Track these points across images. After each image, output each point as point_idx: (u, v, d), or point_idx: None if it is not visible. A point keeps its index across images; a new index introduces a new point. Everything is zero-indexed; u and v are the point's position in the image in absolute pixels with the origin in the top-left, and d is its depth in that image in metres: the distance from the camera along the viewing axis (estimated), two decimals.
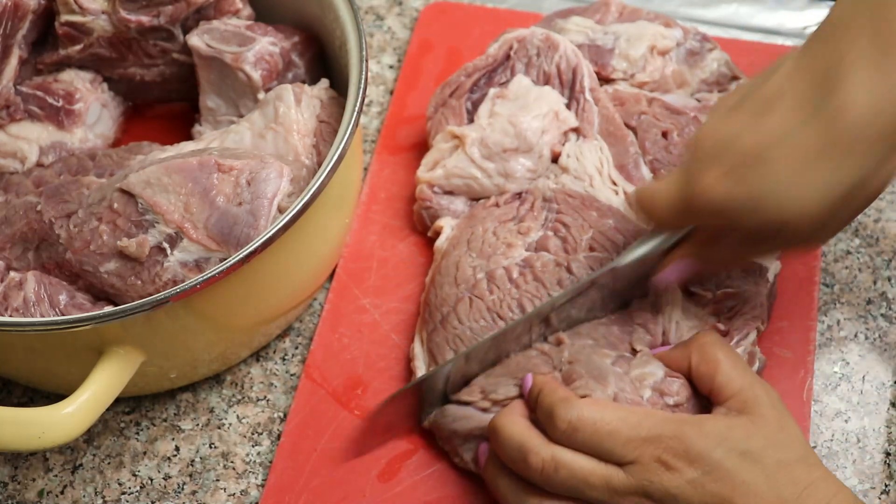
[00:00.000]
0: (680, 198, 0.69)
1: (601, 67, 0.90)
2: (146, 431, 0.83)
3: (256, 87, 0.87)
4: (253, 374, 0.85)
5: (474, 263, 0.81)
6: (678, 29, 0.92)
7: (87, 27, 0.89)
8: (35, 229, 0.80)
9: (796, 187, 0.63)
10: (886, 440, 0.79)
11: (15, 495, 0.81)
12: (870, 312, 0.85)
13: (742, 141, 0.65)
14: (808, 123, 0.63)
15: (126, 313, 0.69)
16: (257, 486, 0.80)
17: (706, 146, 0.67)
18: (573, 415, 0.67)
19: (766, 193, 0.64)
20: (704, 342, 0.72)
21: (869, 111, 0.61)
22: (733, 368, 0.69)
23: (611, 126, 0.87)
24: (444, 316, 0.80)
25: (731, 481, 0.65)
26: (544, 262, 0.80)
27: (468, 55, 0.99)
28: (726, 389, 0.69)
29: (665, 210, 0.70)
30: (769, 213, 0.65)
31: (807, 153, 0.63)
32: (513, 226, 0.83)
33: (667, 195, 0.70)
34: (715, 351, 0.71)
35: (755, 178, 0.64)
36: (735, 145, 0.65)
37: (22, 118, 0.91)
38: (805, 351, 0.81)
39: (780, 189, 0.64)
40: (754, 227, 0.67)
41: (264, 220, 0.75)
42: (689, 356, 0.72)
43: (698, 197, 0.67)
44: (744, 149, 0.65)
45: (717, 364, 0.70)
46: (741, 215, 0.66)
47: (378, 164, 0.95)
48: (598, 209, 0.82)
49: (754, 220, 0.66)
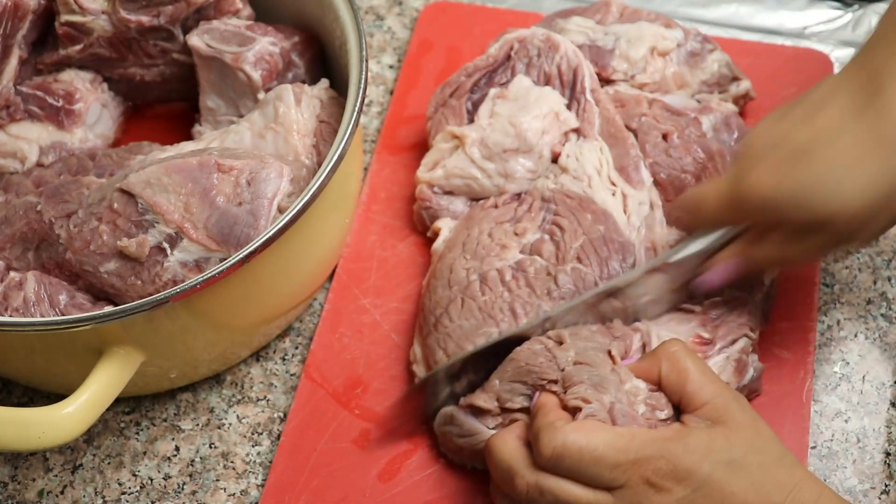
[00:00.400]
0: (729, 194, 0.71)
1: (601, 68, 0.90)
2: (146, 431, 0.83)
3: (256, 87, 0.87)
4: (253, 374, 0.85)
5: (468, 265, 0.81)
6: (679, 30, 0.92)
7: (87, 27, 0.89)
8: (35, 229, 0.80)
9: (842, 181, 0.67)
10: (886, 440, 0.79)
11: (15, 495, 0.81)
12: (870, 312, 0.85)
13: (792, 138, 0.69)
14: (856, 121, 0.67)
15: (126, 313, 0.69)
16: (257, 486, 0.80)
17: (756, 146, 0.71)
18: (557, 442, 0.66)
19: (814, 186, 0.67)
20: (672, 351, 0.71)
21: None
22: (702, 375, 0.69)
23: (612, 127, 0.87)
24: (437, 318, 0.80)
25: (720, 494, 0.64)
26: (537, 268, 0.80)
27: (468, 55, 0.99)
28: (697, 398, 0.68)
29: (714, 207, 0.73)
30: (815, 207, 0.67)
31: (854, 149, 0.66)
32: (509, 227, 0.83)
33: (716, 193, 0.73)
34: (683, 359, 0.70)
35: (803, 171, 0.67)
36: (785, 142, 0.69)
37: (22, 118, 0.91)
38: (805, 351, 0.81)
39: (826, 182, 0.67)
40: (800, 223, 0.69)
41: (264, 220, 0.75)
42: (658, 365, 0.71)
43: (747, 192, 0.70)
44: (793, 144, 0.68)
45: (686, 373, 0.69)
46: (788, 208, 0.69)
47: (378, 164, 0.95)
48: (594, 212, 0.82)
49: (800, 214, 0.68)
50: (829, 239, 0.70)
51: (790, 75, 0.96)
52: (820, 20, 1.03)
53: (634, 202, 0.83)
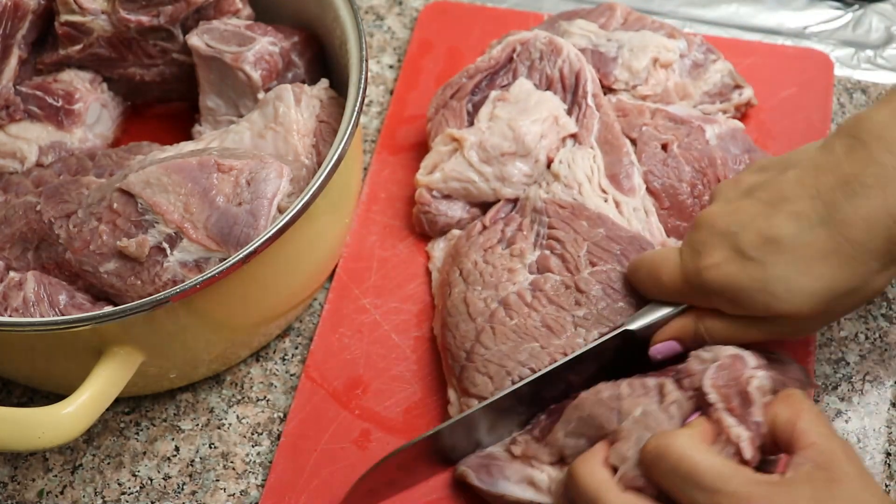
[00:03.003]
0: (685, 271, 0.72)
1: (603, 75, 0.90)
2: (146, 431, 0.83)
3: (256, 87, 0.87)
4: (253, 374, 0.85)
5: (483, 295, 0.80)
6: (682, 40, 0.92)
7: (86, 27, 0.89)
8: (35, 229, 0.80)
9: (799, 281, 0.68)
10: (886, 440, 0.79)
11: (15, 495, 0.81)
12: (870, 312, 0.85)
13: (751, 229, 0.69)
14: (817, 226, 0.67)
15: (126, 313, 0.69)
16: (257, 486, 0.80)
17: (715, 226, 0.71)
18: (662, 441, 0.64)
19: (771, 282, 0.68)
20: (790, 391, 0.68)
21: (874, 227, 0.66)
22: (816, 416, 0.66)
23: (609, 134, 0.86)
24: (468, 351, 0.79)
25: None
26: (553, 283, 0.80)
27: (468, 55, 0.99)
28: (806, 436, 0.65)
29: (668, 280, 0.73)
30: (770, 301, 0.68)
31: (813, 252, 0.67)
32: (503, 250, 0.82)
33: (672, 266, 0.73)
34: (801, 399, 0.67)
35: (762, 266, 0.68)
36: (745, 231, 0.69)
37: (21, 118, 0.91)
38: (805, 351, 0.81)
39: (783, 280, 0.68)
40: (753, 311, 0.70)
41: (264, 220, 0.75)
42: None
43: (703, 274, 0.70)
44: (754, 237, 0.69)
45: (801, 411, 0.66)
46: (743, 298, 0.69)
47: (378, 164, 0.95)
48: (588, 218, 0.82)
49: (755, 305, 0.69)
50: (779, 329, 0.71)
51: (790, 75, 0.96)
52: (820, 20, 1.03)
53: (629, 208, 0.83)
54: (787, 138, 0.93)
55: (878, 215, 0.66)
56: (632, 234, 0.81)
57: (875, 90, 0.97)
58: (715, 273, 0.70)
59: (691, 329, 0.73)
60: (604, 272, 0.79)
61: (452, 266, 0.84)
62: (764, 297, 0.68)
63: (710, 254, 0.70)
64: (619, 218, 0.82)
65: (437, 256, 0.88)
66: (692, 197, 0.84)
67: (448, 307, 0.82)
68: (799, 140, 0.92)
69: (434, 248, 0.88)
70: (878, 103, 0.69)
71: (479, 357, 0.78)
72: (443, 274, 0.85)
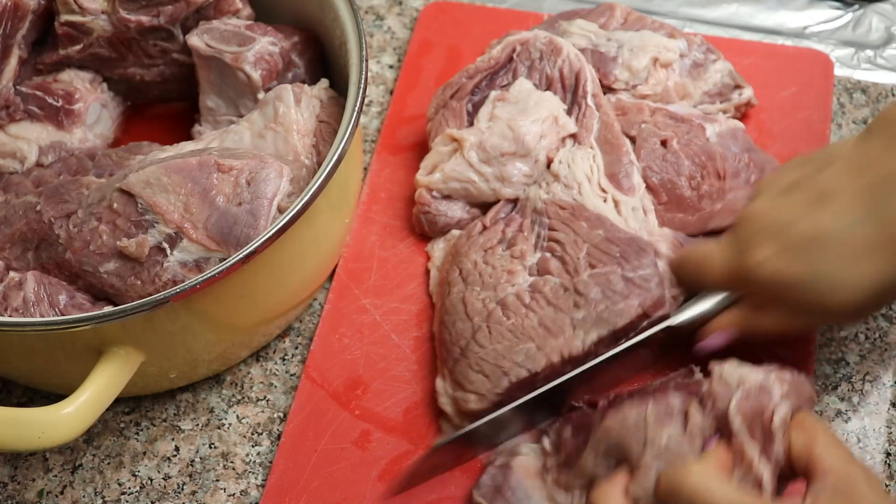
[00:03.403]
0: (733, 266, 0.74)
1: (603, 75, 0.90)
2: (146, 431, 0.83)
3: (256, 87, 0.87)
4: (253, 374, 0.85)
5: (482, 296, 0.81)
6: (682, 40, 0.92)
7: (86, 27, 0.89)
8: (35, 229, 0.80)
9: (847, 274, 0.69)
10: (886, 440, 0.79)
11: (15, 495, 0.81)
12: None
13: (799, 225, 0.71)
14: (865, 221, 0.69)
15: (126, 313, 0.69)
16: (257, 486, 0.80)
17: (760, 223, 0.73)
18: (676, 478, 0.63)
19: (819, 275, 0.70)
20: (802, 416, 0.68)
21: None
22: (831, 439, 0.66)
23: (609, 134, 0.86)
24: (462, 348, 0.79)
25: None
26: (552, 286, 0.80)
27: (468, 55, 0.99)
28: (823, 460, 0.64)
29: (718, 275, 0.76)
30: (819, 294, 0.70)
31: (861, 246, 0.69)
32: (503, 251, 0.83)
33: (720, 261, 0.75)
34: (814, 424, 0.67)
35: (810, 260, 0.70)
36: (792, 227, 0.71)
37: (21, 118, 0.91)
38: (805, 351, 0.81)
39: (832, 273, 0.70)
40: (803, 304, 0.72)
41: (264, 220, 0.75)
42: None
43: (753, 269, 0.72)
44: (800, 232, 0.71)
45: (816, 435, 0.66)
46: (792, 291, 0.71)
47: (378, 164, 0.95)
48: (588, 219, 0.82)
49: (804, 298, 0.71)
50: (827, 318, 0.75)
51: (790, 75, 0.96)
52: (820, 20, 1.03)
53: (627, 207, 0.83)
54: (787, 138, 0.93)
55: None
56: (630, 234, 0.81)
57: (875, 90, 0.97)
58: (765, 268, 0.71)
59: (741, 322, 0.75)
60: (603, 274, 0.79)
61: (452, 266, 0.84)
62: (814, 291, 0.70)
63: (759, 250, 0.72)
64: (618, 218, 0.82)
65: (437, 256, 0.88)
66: (691, 189, 0.84)
67: (446, 306, 0.82)
68: (799, 140, 0.92)
69: (434, 248, 0.88)
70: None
71: (473, 354, 0.78)
72: (442, 273, 0.85)
